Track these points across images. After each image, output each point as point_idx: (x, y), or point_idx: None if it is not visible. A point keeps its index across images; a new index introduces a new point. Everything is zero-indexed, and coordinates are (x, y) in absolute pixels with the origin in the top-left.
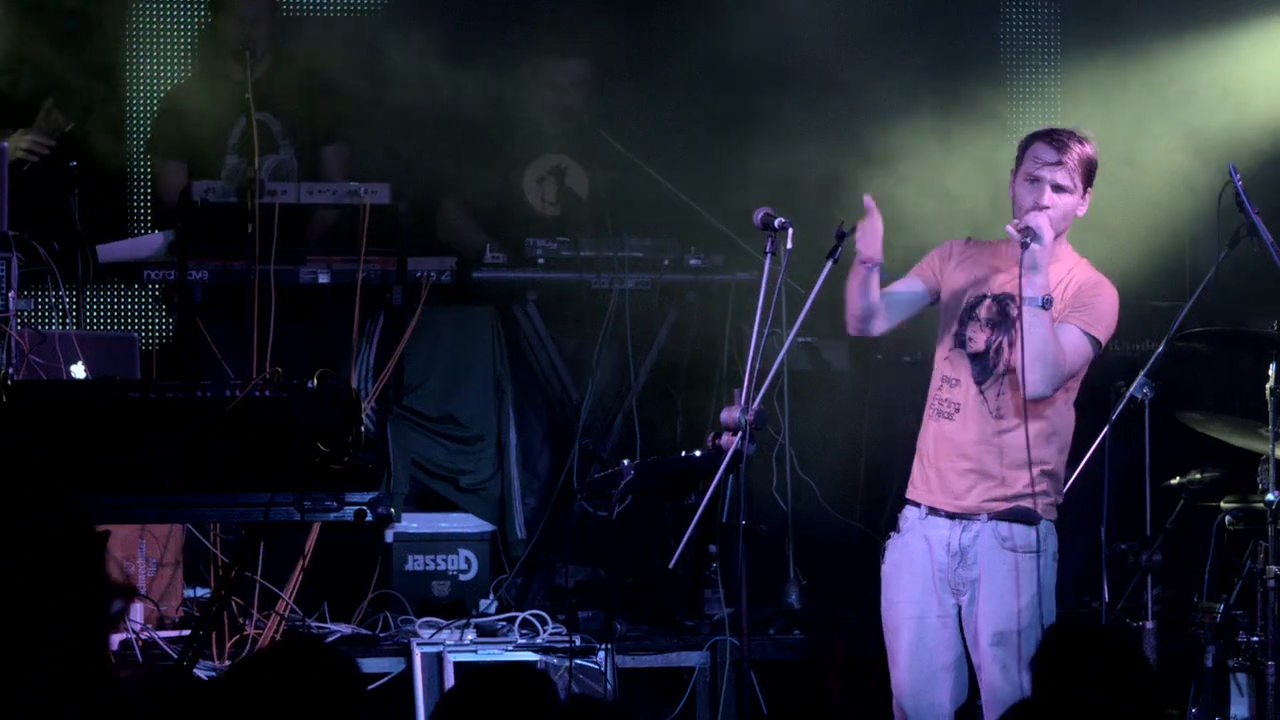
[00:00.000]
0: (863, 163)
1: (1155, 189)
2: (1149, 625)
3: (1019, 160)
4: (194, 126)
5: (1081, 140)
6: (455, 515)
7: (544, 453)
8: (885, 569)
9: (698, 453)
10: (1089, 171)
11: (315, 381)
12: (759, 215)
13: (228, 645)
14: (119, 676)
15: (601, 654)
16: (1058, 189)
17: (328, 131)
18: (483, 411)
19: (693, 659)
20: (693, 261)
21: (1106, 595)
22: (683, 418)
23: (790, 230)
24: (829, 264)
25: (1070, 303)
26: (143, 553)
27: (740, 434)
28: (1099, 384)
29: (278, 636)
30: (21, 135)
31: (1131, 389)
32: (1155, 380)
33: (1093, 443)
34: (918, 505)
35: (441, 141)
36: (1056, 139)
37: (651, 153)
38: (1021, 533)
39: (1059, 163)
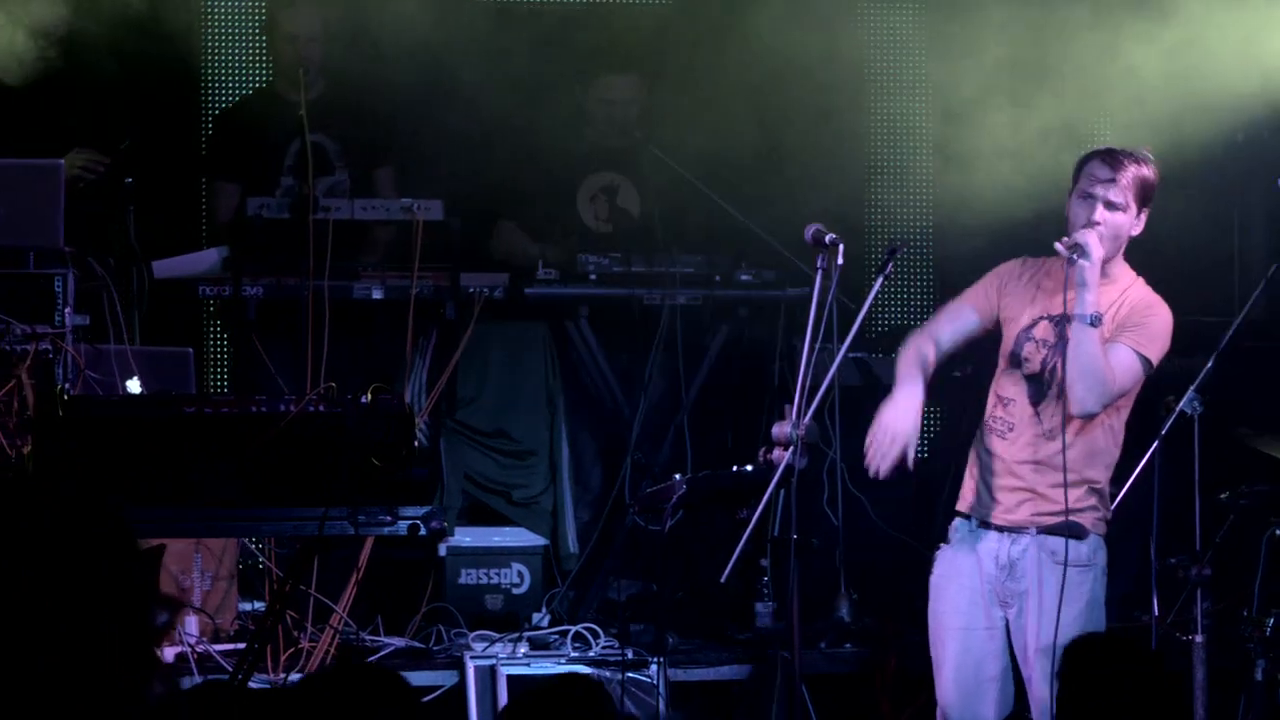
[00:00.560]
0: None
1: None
2: (1199, 639)
3: (1075, 178)
4: (249, 147)
5: (1139, 160)
6: (508, 529)
7: (596, 467)
8: (933, 580)
9: (749, 467)
10: (1144, 191)
11: (369, 396)
12: (810, 231)
13: (282, 658)
14: (171, 687)
15: (654, 667)
16: (1110, 206)
17: (381, 153)
18: (535, 426)
19: (744, 672)
20: (744, 277)
21: (1156, 609)
22: (734, 432)
23: (841, 246)
24: (879, 280)
25: (1123, 322)
26: (198, 566)
27: (792, 448)
28: (1148, 399)
29: (331, 650)
30: (78, 153)
31: (1181, 404)
32: (1205, 395)
33: (1142, 458)
34: (967, 518)
35: (496, 159)
36: (1112, 157)
37: (703, 168)
38: (1071, 547)
39: (1112, 180)
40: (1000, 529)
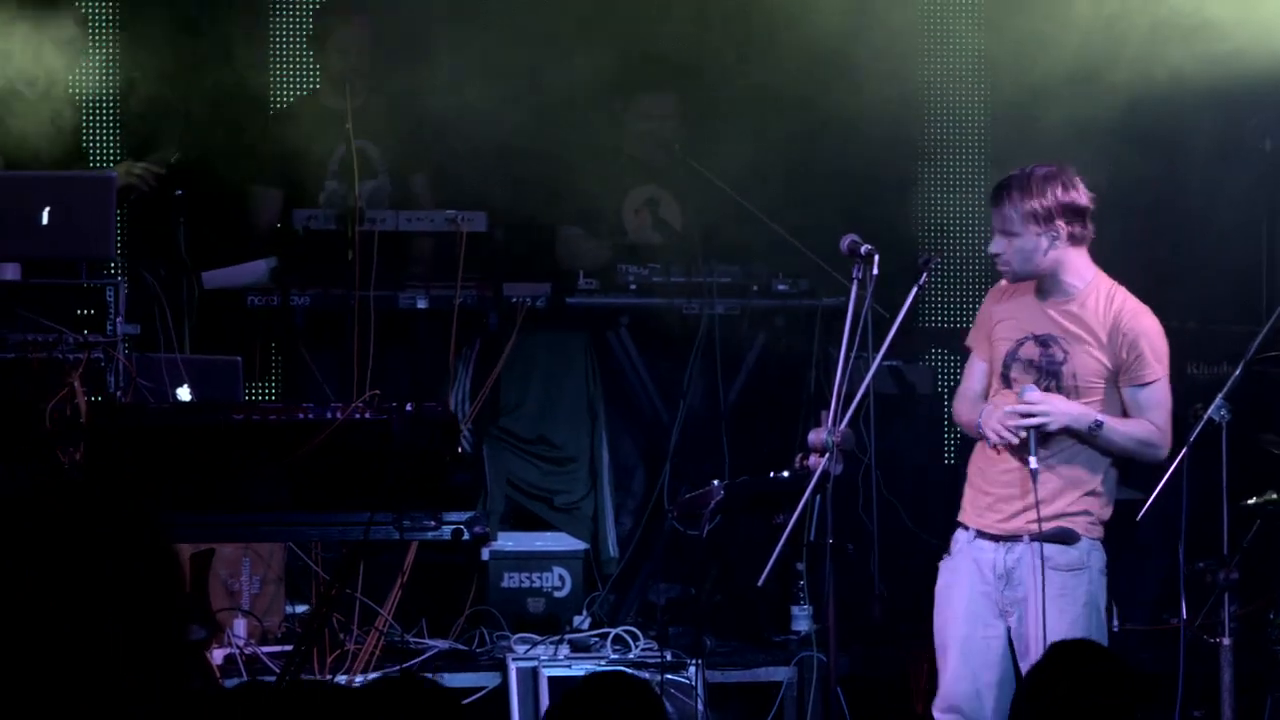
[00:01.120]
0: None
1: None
2: (1226, 642)
3: None
4: (294, 153)
5: (1023, 191)
6: (550, 534)
7: (636, 473)
8: (938, 589)
9: (786, 473)
10: (1033, 214)
11: (414, 404)
12: (845, 242)
13: (328, 660)
14: (214, 689)
15: (692, 669)
16: (1005, 234)
17: (421, 160)
18: (576, 433)
19: (780, 674)
20: (780, 287)
21: (1185, 612)
22: (771, 439)
23: (876, 257)
24: (914, 290)
25: (1133, 363)
26: (247, 570)
27: (827, 455)
28: (1177, 408)
29: (376, 652)
30: (130, 165)
31: (1209, 411)
32: (1232, 403)
33: (1170, 464)
34: (966, 528)
35: (546, 171)
36: (995, 193)
37: (741, 181)
38: (1062, 552)
39: (995, 210)
40: (995, 538)
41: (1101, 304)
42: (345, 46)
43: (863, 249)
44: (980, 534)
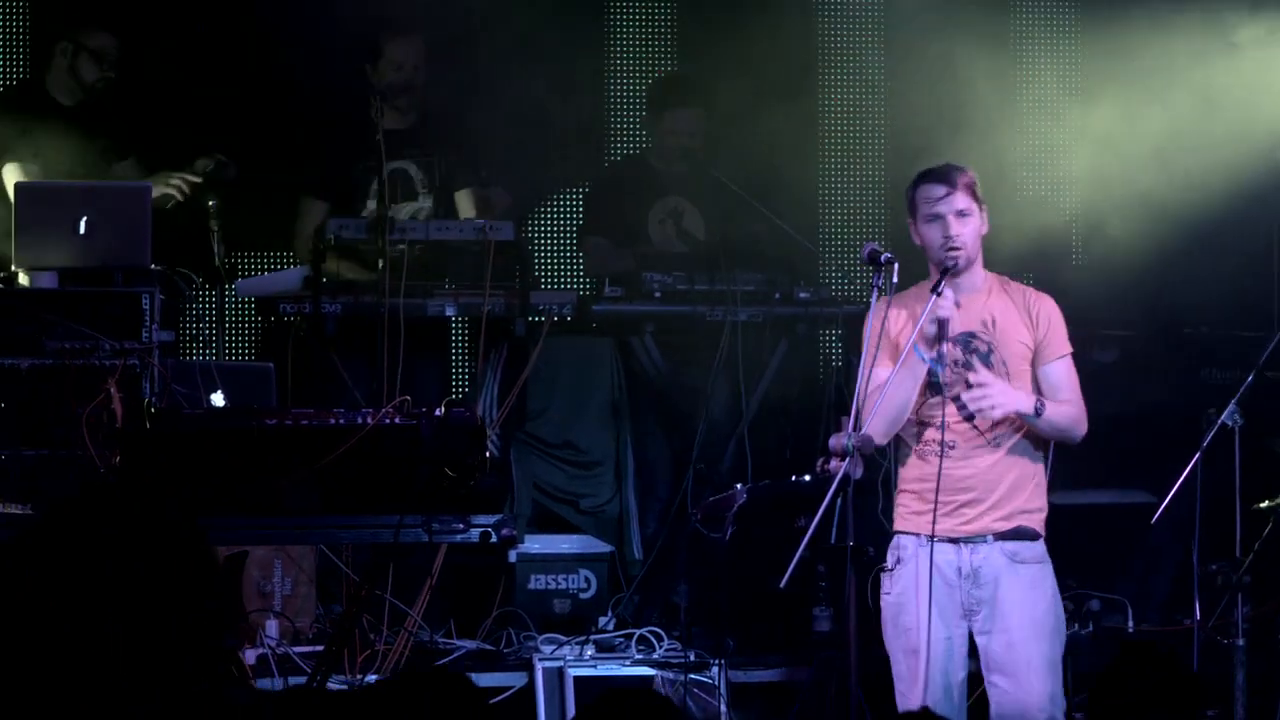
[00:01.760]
0: None
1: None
2: (1239, 643)
3: (912, 209)
4: (340, 168)
5: (962, 167)
6: (575, 537)
7: (660, 477)
8: (891, 599)
9: (807, 477)
10: (976, 191)
11: (443, 410)
12: (866, 250)
13: (358, 660)
14: (248, 691)
15: (715, 669)
16: (960, 215)
17: (464, 177)
18: (602, 438)
19: (802, 675)
20: (802, 295)
21: (1198, 614)
22: (793, 444)
23: (896, 265)
24: (932, 298)
25: (1047, 340)
26: (279, 572)
27: (848, 459)
28: (1191, 413)
29: (406, 652)
30: (166, 175)
31: (1222, 416)
32: (1244, 408)
33: (1183, 468)
34: (915, 535)
35: (575, 181)
36: (940, 174)
37: (763, 191)
38: (1025, 548)
39: (950, 192)
40: (955, 540)
41: (1005, 287)
42: (401, 62)
43: (883, 256)
44: (933, 538)
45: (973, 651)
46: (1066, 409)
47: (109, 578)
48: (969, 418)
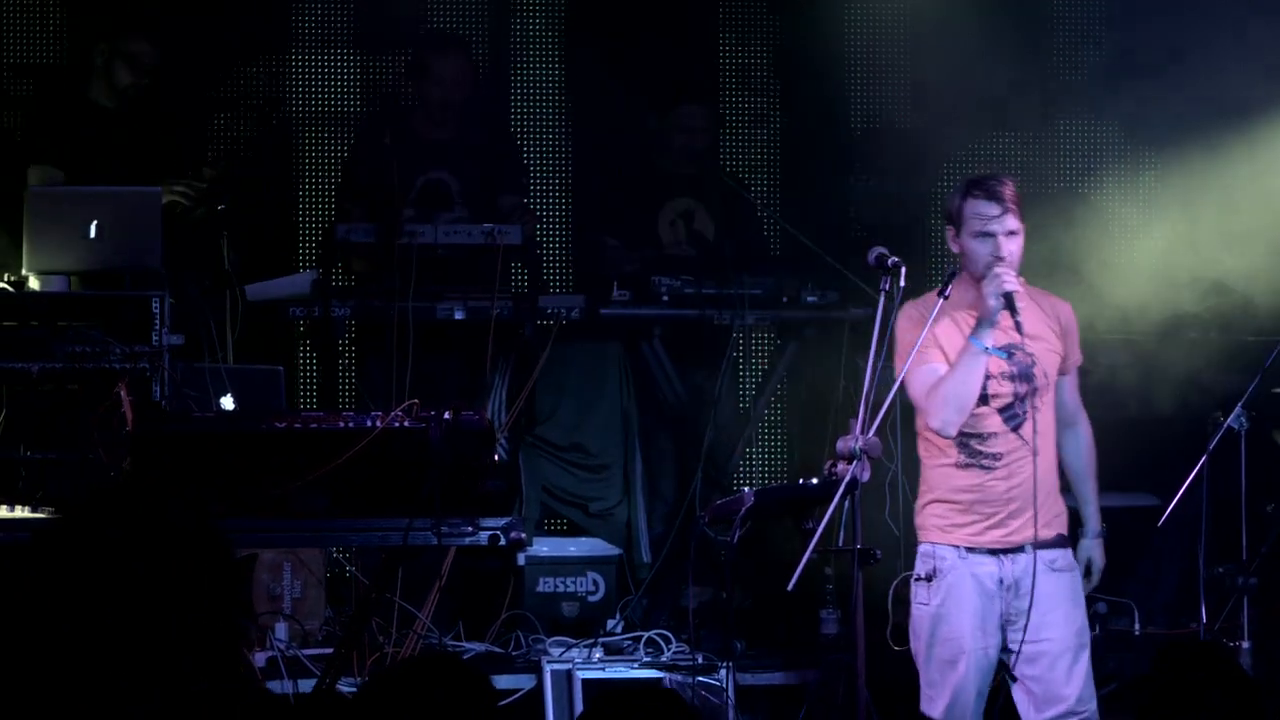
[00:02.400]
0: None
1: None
2: (1245, 645)
3: (959, 219)
4: (380, 176)
5: (1006, 182)
6: (584, 540)
7: (668, 480)
8: (931, 610)
9: (815, 480)
10: (1022, 208)
11: (451, 413)
12: (874, 254)
13: (368, 662)
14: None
15: (723, 672)
16: (1010, 234)
17: (500, 185)
18: (610, 441)
19: (809, 677)
20: (810, 298)
21: (1205, 616)
22: (800, 447)
23: (903, 269)
24: (939, 302)
25: (1072, 348)
26: (288, 575)
27: (855, 462)
28: (1197, 415)
29: (414, 654)
30: (170, 183)
31: (1229, 419)
32: (1251, 411)
33: (1190, 471)
34: (955, 547)
35: (587, 185)
36: (993, 190)
37: (772, 193)
38: (1061, 555)
39: (1003, 212)
40: (995, 553)
41: (1032, 295)
42: (443, 79)
43: (890, 261)
44: (972, 550)
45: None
46: (1092, 440)
47: (111, 579)
48: (1015, 429)
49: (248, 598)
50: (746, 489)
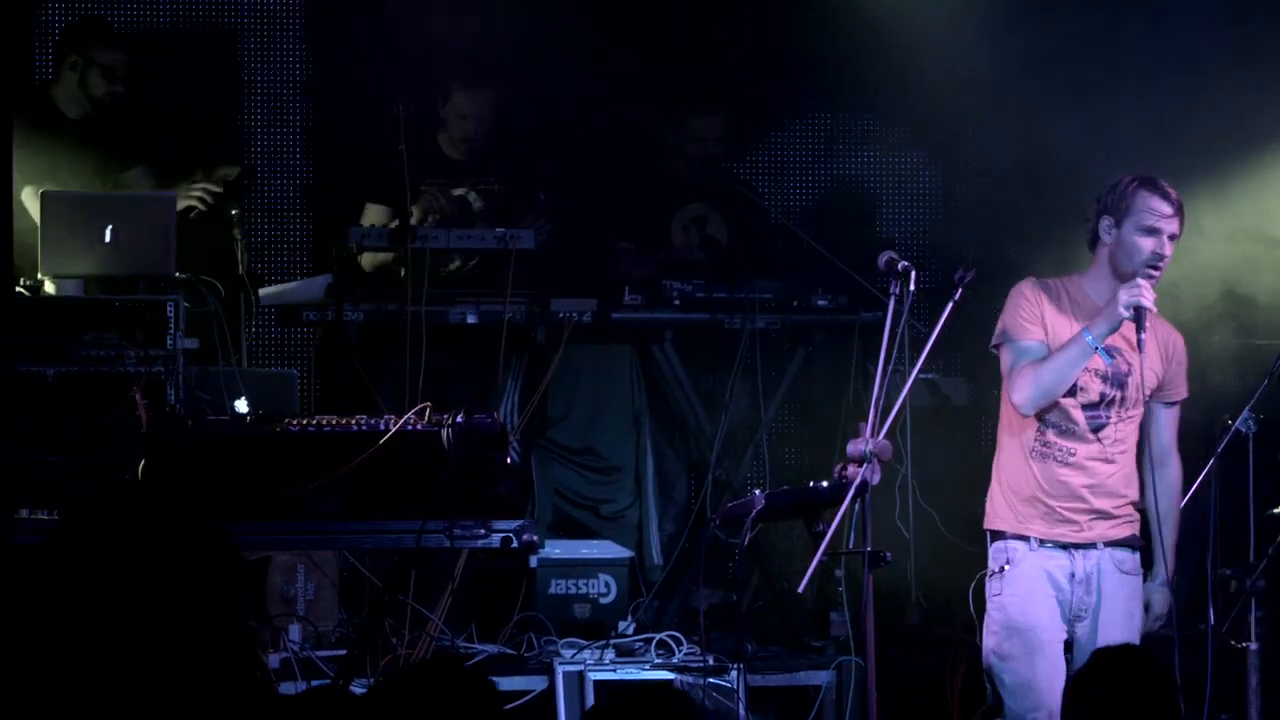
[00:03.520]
0: None
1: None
2: (1253, 647)
3: (1126, 208)
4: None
5: (1173, 189)
6: (595, 542)
7: (679, 483)
8: (1004, 599)
9: (825, 483)
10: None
11: (464, 416)
12: (883, 259)
13: (380, 664)
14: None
15: (733, 673)
16: (1173, 239)
17: (519, 199)
18: (621, 444)
19: (820, 678)
20: (820, 303)
21: (1213, 618)
22: (811, 450)
23: (913, 273)
24: (949, 306)
25: (1173, 381)
26: (302, 577)
27: (865, 465)
28: (1204, 419)
29: (426, 657)
30: (189, 185)
31: (1236, 423)
32: (1259, 414)
33: (1198, 474)
34: (1026, 539)
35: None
36: (1165, 191)
37: (783, 200)
38: (1130, 558)
39: (1174, 216)
40: (1067, 547)
41: (1158, 323)
42: (465, 113)
43: (900, 265)
44: (1043, 543)
45: None
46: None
47: (112, 579)
48: (1095, 430)
49: (261, 600)
50: (757, 491)
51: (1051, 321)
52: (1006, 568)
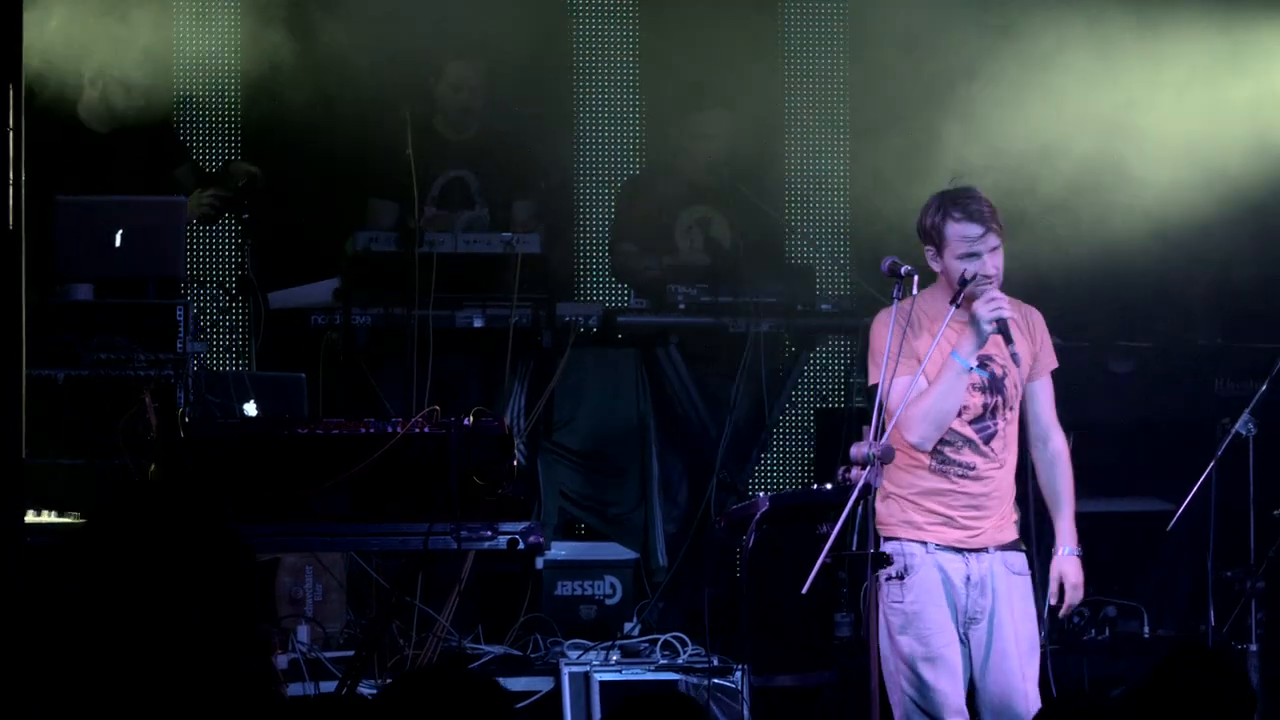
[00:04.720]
0: None
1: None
2: (1253, 648)
3: (939, 239)
4: (405, 175)
5: (981, 198)
6: (601, 544)
7: (684, 485)
8: (906, 606)
9: (828, 485)
10: (1001, 222)
11: (471, 419)
12: (886, 263)
13: (388, 665)
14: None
15: (738, 674)
16: (994, 251)
17: (520, 188)
18: (627, 446)
19: (823, 678)
20: (823, 306)
21: (1213, 619)
22: (814, 452)
23: (916, 278)
24: (951, 310)
25: (1045, 354)
26: (310, 578)
27: (869, 467)
28: (1205, 421)
29: (433, 657)
30: (202, 191)
31: (1236, 425)
32: (1259, 417)
33: (1198, 476)
34: (923, 544)
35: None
36: (974, 212)
37: (786, 202)
38: (1019, 558)
39: (985, 231)
40: (961, 551)
41: (1013, 306)
42: (459, 83)
43: (903, 269)
44: (940, 547)
45: None
46: (1067, 455)
47: (114, 580)
48: (986, 440)
49: (270, 601)
50: (761, 494)
51: (916, 345)
52: (906, 574)
